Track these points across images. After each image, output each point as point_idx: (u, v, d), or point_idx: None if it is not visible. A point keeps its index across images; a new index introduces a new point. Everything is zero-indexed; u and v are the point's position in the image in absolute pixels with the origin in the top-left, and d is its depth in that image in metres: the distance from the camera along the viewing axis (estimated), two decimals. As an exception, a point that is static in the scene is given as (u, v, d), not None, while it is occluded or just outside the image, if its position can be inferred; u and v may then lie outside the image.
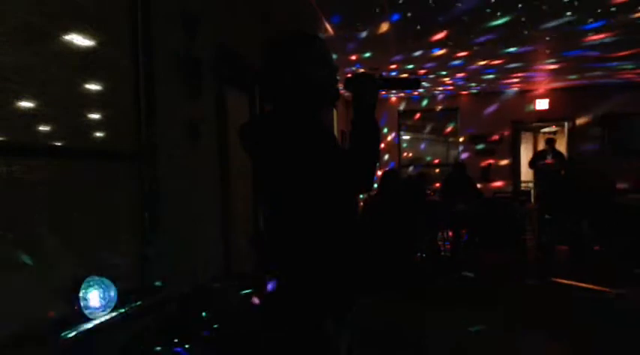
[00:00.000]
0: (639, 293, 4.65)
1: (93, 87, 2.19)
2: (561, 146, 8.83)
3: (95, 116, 2.22)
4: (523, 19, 4.77)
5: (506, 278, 5.42)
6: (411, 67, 6.62)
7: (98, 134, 2.25)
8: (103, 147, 2.27)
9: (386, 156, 8.87)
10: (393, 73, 6.76)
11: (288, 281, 1.43)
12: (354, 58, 6.12)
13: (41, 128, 1.93)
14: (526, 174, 9.85)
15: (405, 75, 7.03)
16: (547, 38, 5.40)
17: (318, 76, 1.47)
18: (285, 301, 1.41)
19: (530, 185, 9.62)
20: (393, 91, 8.69)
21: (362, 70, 6.37)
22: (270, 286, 1.42)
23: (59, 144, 2.02)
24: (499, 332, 3.83)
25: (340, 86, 1.70)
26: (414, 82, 1.58)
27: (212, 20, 3.27)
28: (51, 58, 1.95)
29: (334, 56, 1.70)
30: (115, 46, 2.33)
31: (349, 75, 1.45)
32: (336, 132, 7.14)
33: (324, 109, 1.58)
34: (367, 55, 6.00)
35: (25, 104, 1.83)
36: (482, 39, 5.37)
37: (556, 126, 9.37)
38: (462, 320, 3.99)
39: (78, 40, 2.08)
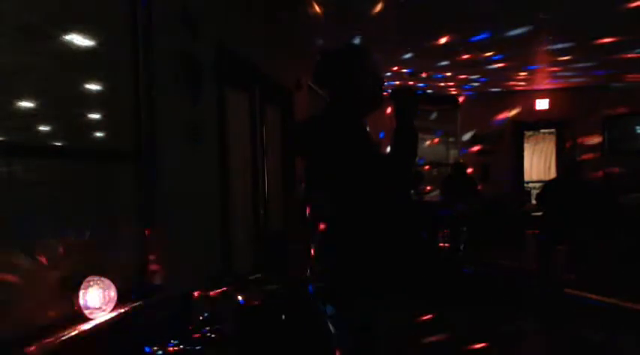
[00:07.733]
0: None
1: (93, 87, 2.20)
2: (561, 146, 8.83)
3: (95, 116, 2.23)
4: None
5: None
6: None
7: (98, 134, 2.25)
8: (103, 147, 2.27)
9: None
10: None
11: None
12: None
13: (41, 128, 1.93)
14: (529, 174, 9.83)
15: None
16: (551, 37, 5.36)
17: (366, 84, 1.64)
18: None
19: (532, 185, 9.60)
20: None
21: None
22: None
23: (59, 144, 2.02)
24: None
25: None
26: (451, 99, 1.78)
27: (213, 20, 3.27)
28: (51, 58, 1.95)
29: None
30: (115, 46, 2.33)
31: (395, 86, 1.57)
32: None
33: (369, 114, 1.73)
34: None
35: (25, 104, 1.83)
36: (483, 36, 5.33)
37: (556, 126, 9.37)
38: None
39: (78, 40, 2.08)
